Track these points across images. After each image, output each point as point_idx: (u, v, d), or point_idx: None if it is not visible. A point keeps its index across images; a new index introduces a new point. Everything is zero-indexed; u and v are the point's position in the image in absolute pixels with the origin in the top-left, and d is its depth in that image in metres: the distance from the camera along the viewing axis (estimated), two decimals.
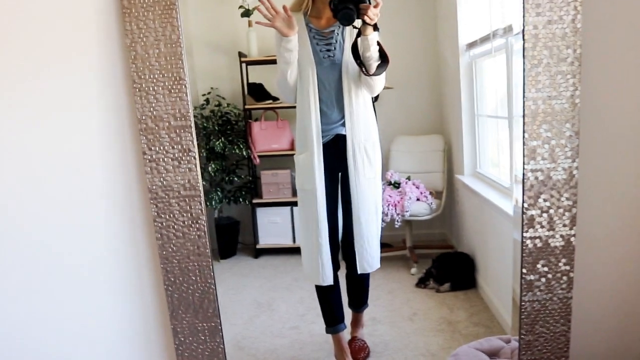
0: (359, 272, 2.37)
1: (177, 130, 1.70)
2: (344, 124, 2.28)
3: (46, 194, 1.82)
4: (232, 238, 3.02)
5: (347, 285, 2.51)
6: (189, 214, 1.75)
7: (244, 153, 2.81)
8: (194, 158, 1.72)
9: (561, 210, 1.70)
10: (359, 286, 2.52)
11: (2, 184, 1.81)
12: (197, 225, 1.75)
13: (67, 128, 1.79)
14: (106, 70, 1.76)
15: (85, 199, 1.83)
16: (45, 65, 1.76)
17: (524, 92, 1.65)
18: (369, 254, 2.37)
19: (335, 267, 2.40)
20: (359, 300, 2.55)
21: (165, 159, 1.72)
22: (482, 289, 2.70)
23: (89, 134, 1.80)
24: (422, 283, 2.80)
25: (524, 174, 1.69)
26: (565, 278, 1.73)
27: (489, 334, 2.40)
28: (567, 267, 1.73)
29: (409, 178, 2.83)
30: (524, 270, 1.73)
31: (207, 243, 1.77)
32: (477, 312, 2.59)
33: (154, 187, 1.73)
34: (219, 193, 2.86)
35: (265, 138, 2.81)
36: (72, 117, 1.79)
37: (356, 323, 2.56)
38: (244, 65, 2.74)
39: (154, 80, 1.68)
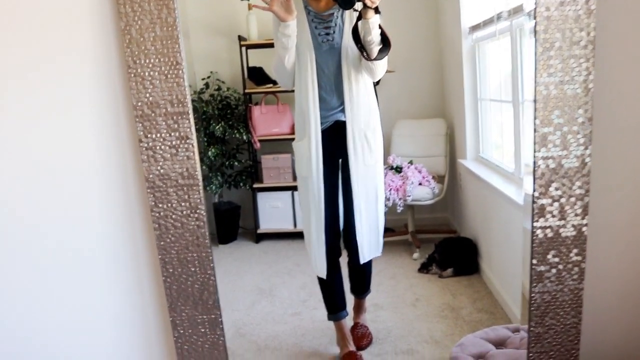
0: (360, 261, 2.35)
1: (175, 117, 1.65)
2: (343, 110, 2.23)
3: (40, 185, 1.78)
4: (233, 223, 3.02)
5: (349, 272, 2.50)
6: (188, 204, 1.70)
7: (244, 137, 2.81)
8: (192, 146, 1.67)
9: (573, 199, 1.66)
10: (361, 273, 2.51)
11: None
12: (196, 215, 1.71)
13: (61, 117, 1.74)
14: (100, 55, 1.70)
15: (80, 190, 1.79)
16: (36, 51, 1.70)
17: (535, 77, 1.59)
18: (370, 243, 2.34)
19: (337, 254, 2.40)
20: (361, 287, 2.54)
21: (163, 147, 1.67)
22: (485, 275, 2.69)
23: (84, 122, 1.75)
24: (424, 268, 2.81)
25: (534, 162, 1.64)
26: (576, 269, 1.69)
27: (492, 320, 2.39)
28: (579, 258, 1.68)
29: (411, 162, 2.82)
30: (534, 261, 1.68)
31: (207, 233, 1.72)
32: (481, 298, 2.58)
33: (150, 176, 1.69)
34: (219, 178, 2.85)
35: (266, 122, 2.80)
36: (65, 105, 1.73)
37: (358, 309, 2.56)
38: (243, 48, 2.73)
39: (150, 65, 1.62)
